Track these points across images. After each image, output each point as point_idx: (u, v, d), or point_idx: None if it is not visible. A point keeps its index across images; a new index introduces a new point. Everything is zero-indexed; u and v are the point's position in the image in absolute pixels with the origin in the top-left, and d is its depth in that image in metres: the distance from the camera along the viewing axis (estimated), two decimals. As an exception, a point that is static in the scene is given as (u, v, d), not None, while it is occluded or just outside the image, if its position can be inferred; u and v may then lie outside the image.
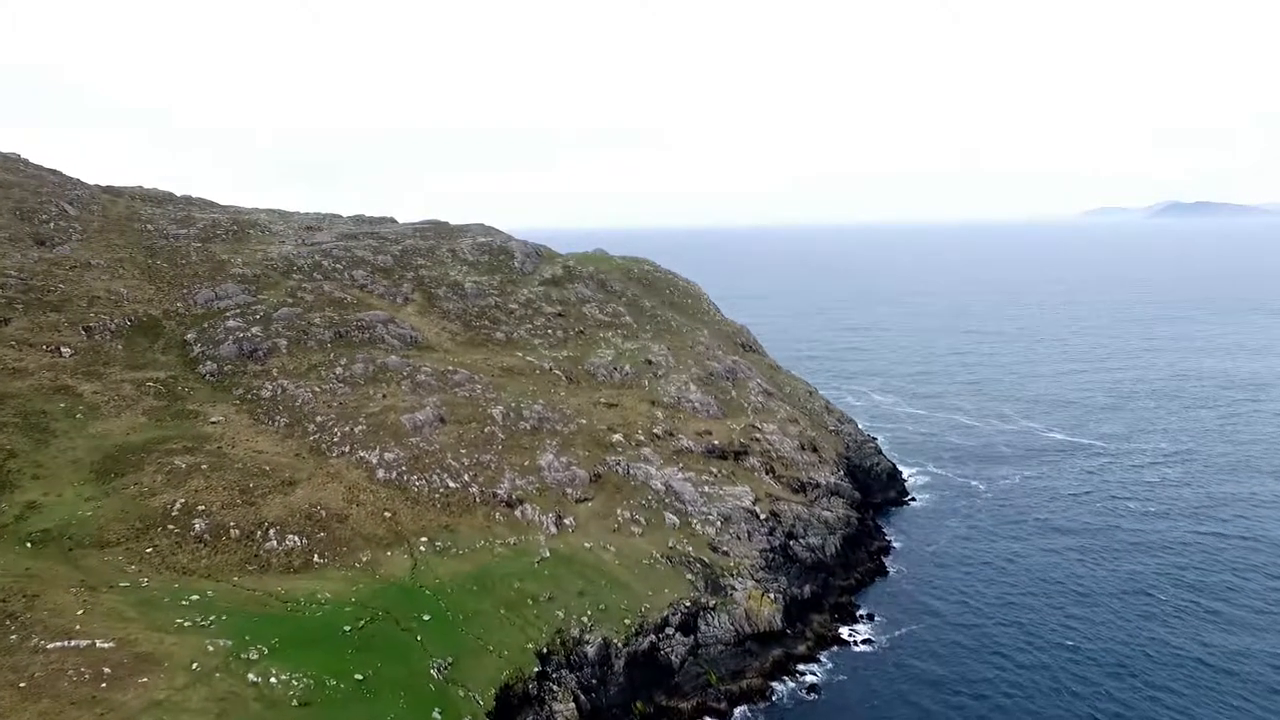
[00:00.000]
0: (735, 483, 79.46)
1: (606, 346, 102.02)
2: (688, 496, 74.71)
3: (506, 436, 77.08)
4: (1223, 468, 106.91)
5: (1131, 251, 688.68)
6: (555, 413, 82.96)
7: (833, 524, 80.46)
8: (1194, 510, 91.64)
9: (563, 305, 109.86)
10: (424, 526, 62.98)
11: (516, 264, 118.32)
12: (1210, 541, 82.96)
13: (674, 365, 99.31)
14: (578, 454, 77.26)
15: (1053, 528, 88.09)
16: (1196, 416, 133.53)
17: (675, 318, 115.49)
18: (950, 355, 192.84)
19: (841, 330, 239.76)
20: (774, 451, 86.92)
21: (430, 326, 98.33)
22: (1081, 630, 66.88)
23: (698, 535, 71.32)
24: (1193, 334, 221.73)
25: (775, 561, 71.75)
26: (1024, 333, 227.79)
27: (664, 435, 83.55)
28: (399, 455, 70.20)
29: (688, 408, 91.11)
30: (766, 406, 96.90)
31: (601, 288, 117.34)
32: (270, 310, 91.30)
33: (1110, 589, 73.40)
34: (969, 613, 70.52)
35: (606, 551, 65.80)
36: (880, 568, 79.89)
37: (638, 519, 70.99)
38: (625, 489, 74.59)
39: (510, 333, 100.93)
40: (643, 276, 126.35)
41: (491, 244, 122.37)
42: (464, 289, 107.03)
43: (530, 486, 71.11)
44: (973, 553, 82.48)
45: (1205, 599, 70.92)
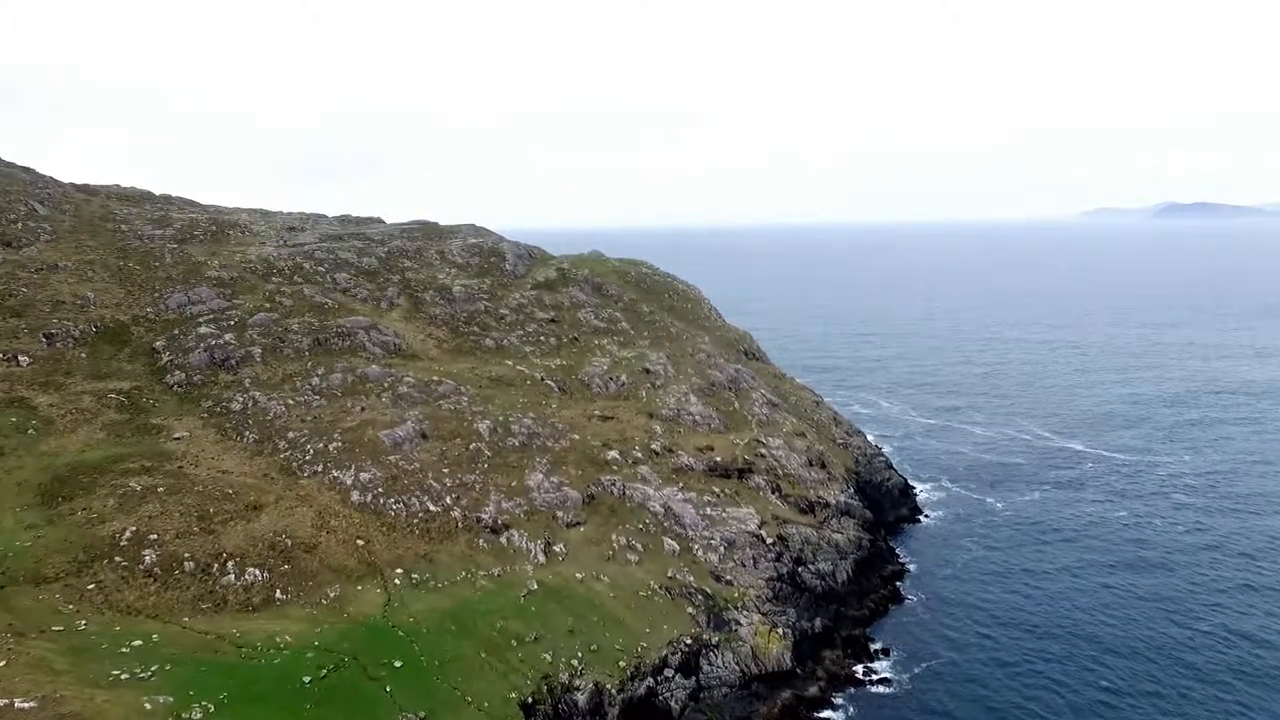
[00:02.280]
0: (739, 504, 74.15)
1: (601, 354, 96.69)
2: (688, 520, 69.38)
3: (493, 454, 71.72)
4: (1251, 482, 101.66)
5: (1135, 254, 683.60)
6: (546, 427, 77.61)
7: (844, 547, 75.16)
8: (1226, 533, 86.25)
9: (556, 310, 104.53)
10: (400, 556, 57.58)
11: (508, 266, 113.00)
12: (1243, 563, 77.67)
13: (673, 375, 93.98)
14: (569, 473, 71.91)
15: (1076, 550, 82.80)
16: (1216, 425, 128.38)
17: (674, 323, 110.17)
18: (962, 362, 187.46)
19: (851, 336, 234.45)
20: (780, 468, 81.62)
21: (415, 333, 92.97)
22: (1115, 669, 61.58)
23: (699, 563, 66.00)
24: (1204, 339, 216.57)
25: (783, 591, 66.42)
26: (1034, 338, 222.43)
27: (662, 451, 78.24)
28: (376, 475, 64.84)
29: (688, 421, 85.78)
30: (771, 419, 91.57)
31: (597, 291, 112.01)
32: (245, 316, 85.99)
33: (1143, 622, 68.08)
34: (992, 647, 65.21)
35: (600, 583, 60.45)
36: (895, 594, 74.57)
37: (634, 545, 65.64)
38: (621, 512, 69.24)
39: (500, 339, 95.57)
40: (640, 279, 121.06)
41: (482, 245, 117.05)
42: (452, 293, 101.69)
43: (517, 510, 65.75)
44: (992, 578, 77.19)
45: (1247, 624, 65.69)
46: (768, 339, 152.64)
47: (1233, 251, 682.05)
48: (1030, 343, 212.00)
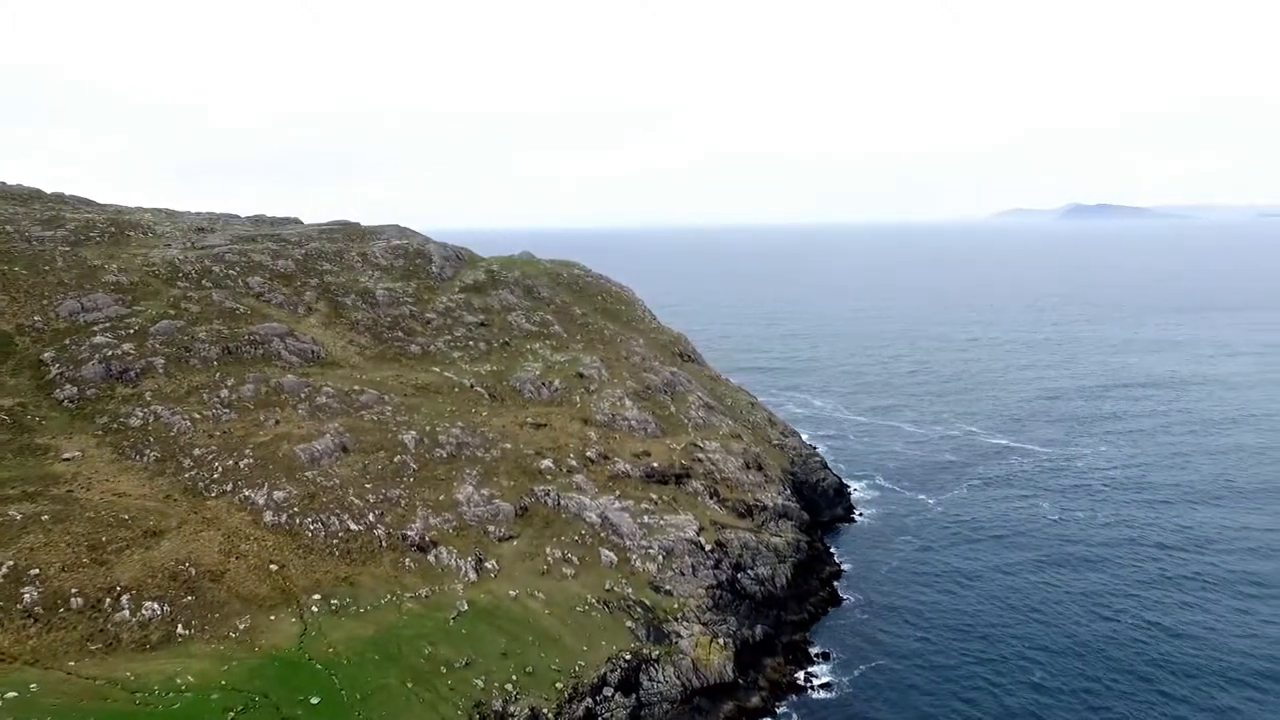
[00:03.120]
0: (677, 510, 72.49)
1: (534, 359, 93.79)
2: (625, 529, 67.30)
3: (419, 466, 68.17)
4: (1163, 473, 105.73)
5: (1045, 253, 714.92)
6: (476, 436, 74.40)
7: (782, 551, 74.34)
8: (1143, 525, 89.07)
9: (485, 314, 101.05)
10: (318, 581, 53.71)
11: (434, 269, 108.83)
12: (1159, 554, 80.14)
13: (608, 378, 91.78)
14: (501, 484, 68.94)
15: (1004, 545, 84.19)
16: (1128, 417, 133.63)
17: (608, 326, 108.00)
18: (890, 360, 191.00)
19: (783, 335, 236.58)
20: (718, 472, 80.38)
21: (335, 340, 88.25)
22: (1046, 666, 62.31)
23: (638, 573, 63.99)
24: (1111, 334, 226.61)
25: (723, 599, 65.00)
26: (958, 336, 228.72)
27: (598, 459, 75.99)
28: (291, 493, 60.58)
29: (624, 426, 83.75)
30: (708, 422, 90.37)
31: (528, 294, 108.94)
32: (147, 324, 79.82)
33: (1070, 618, 69.23)
34: (927, 649, 65.29)
35: (534, 600, 57.79)
36: (833, 596, 74.20)
37: (570, 558, 63.18)
38: (556, 523, 66.67)
39: (426, 345, 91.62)
40: (572, 281, 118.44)
41: (407, 247, 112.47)
42: (375, 297, 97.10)
43: (446, 525, 62.46)
44: (926, 578, 77.66)
45: (1164, 617, 67.36)
46: (701, 340, 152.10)
47: (1134, 251, 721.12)
48: (954, 340, 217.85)
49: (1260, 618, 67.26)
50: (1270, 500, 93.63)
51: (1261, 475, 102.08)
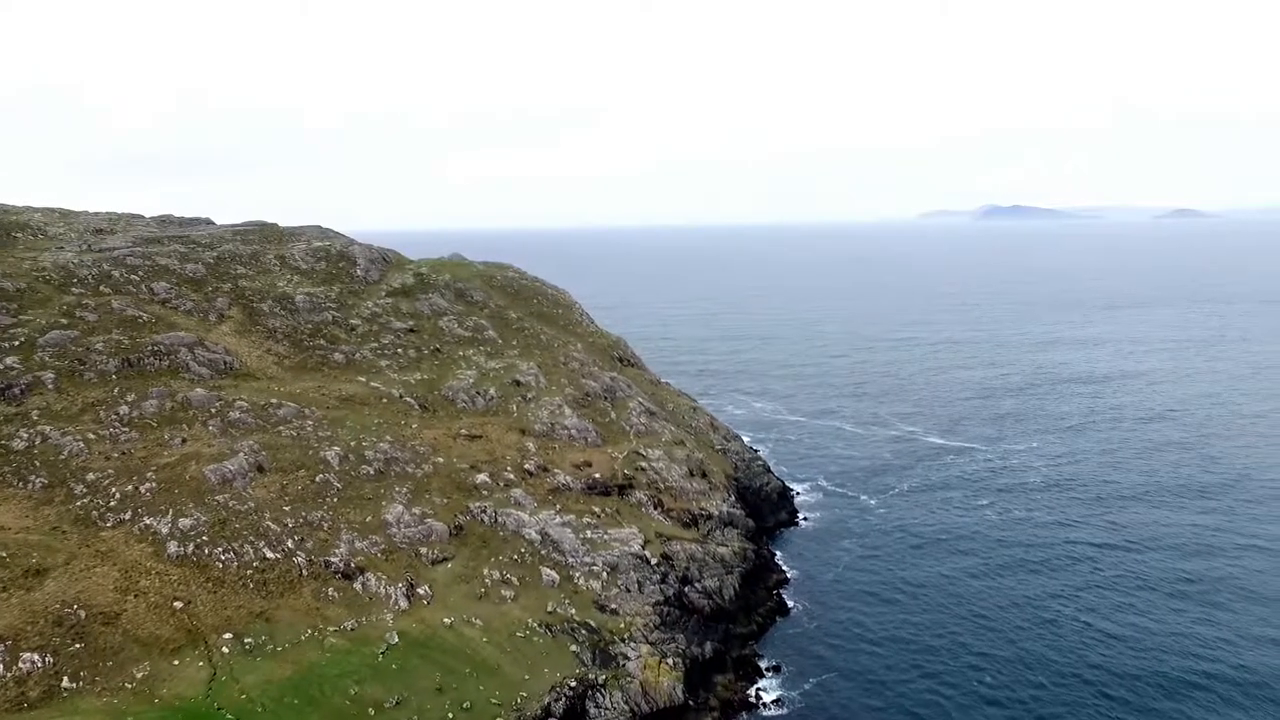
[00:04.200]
0: (621, 523, 69.58)
1: (467, 366, 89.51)
2: (568, 545, 64.03)
3: (344, 485, 63.43)
4: (1093, 468, 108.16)
5: (969, 253, 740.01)
6: (406, 451, 69.95)
7: (729, 561, 72.25)
8: (1077, 523, 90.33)
9: (415, 319, 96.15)
10: (229, 618, 48.78)
11: (360, 272, 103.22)
12: (1095, 553, 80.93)
13: (546, 386, 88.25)
14: (434, 502, 64.77)
15: (946, 548, 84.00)
16: (1056, 413, 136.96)
17: (545, 330, 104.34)
18: (828, 359, 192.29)
19: (721, 336, 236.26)
20: (661, 481, 77.84)
21: (251, 349, 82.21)
22: (994, 673, 61.67)
23: (581, 592, 60.80)
24: (1033, 331, 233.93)
25: (671, 616, 62.38)
26: (891, 335, 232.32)
27: (537, 471, 72.46)
28: (199, 520, 55.24)
29: (563, 435, 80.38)
30: (650, 428, 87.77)
31: (460, 298, 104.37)
32: (35, 334, 72.57)
33: (1014, 622, 69.01)
34: (876, 659, 64.07)
35: (471, 627, 54.02)
36: (781, 606, 72.51)
37: (509, 579, 59.56)
38: (493, 542, 62.93)
39: (351, 353, 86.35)
40: (507, 284, 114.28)
41: (329, 249, 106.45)
42: (294, 302, 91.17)
43: (374, 549, 58.04)
44: (872, 582, 76.77)
45: (1102, 620, 67.46)
46: (640, 343, 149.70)
47: (1047, 251, 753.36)
48: (888, 339, 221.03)
49: (1192, 617, 67.84)
50: (1194, 497, 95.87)
51: (1185, 472, 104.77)
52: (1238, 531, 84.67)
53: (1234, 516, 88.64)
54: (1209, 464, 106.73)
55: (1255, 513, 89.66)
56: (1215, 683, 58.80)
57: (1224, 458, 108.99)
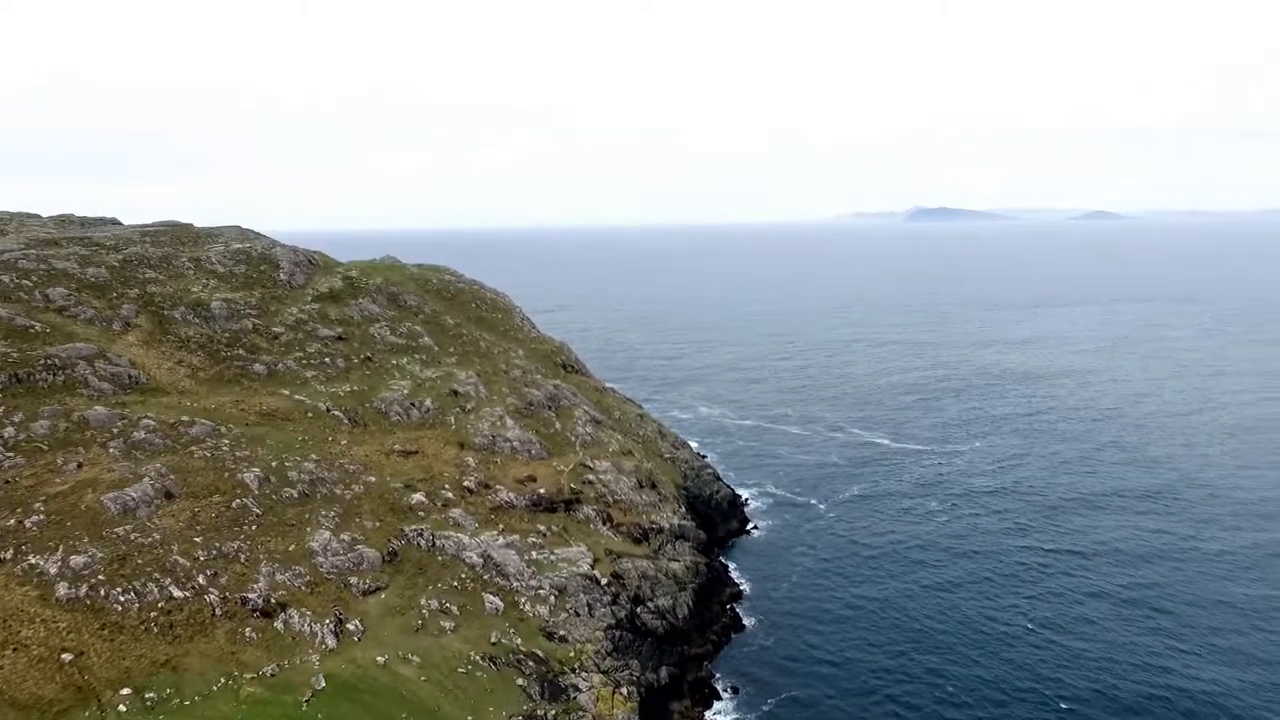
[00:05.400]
0: (569, 541, 65.75)
1: (401, 376, 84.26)
2: (512, 568, 59.89)
3: (264, 510, 57.92)
4: (1036, 468, 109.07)
5: (901, 254, 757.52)
6: (334, 470, 64.66)
7: (682, 577, 69.19)
8: (1022, 522, 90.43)
9: (344, 326, 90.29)
10: (128, 670, 43.17)
11: (283, 276, 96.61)
12: (1045, 559, 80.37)
13: (486, 396, 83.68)
14: (365, 526, 59.78)
15: (898, 553, 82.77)
16: (997, 413, 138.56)
17: (484, 336, 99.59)
18: (772, 361, 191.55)
19: (665, 339, 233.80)
20: (610, 495, 74.28)
21: (160, 361, 75.42)
22: (952, 679, 60.41)
23: (528, 619, 56.78)
24: (969, 331, 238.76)
25: (623, 640, 58.90)
26: (831, 337, 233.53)
27: (478, 488, 68.03)
28: (95, 556, 49.21)
29: (505, 448, 76.06)
30: (596, 438, 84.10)
31: (393, 303, 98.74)
32: (-95, 348, 64.73)
33: (968, 625, 68.01)
34: (835, 672, 62.01)
35: (408, 664, 49.46)
36: (735, 621, 69.86)
37: (448, 608, 55.13)
38: (431, 568, 58.34)
39: (274, 364, 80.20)
40: (443, 288, 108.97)
41: (250, 251, 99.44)
42: (210, 309, 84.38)
43: (297, 581, 52.86)
44: (826, 593, 74.80)
45: (1059, 635, 66.20)
46: (583, 348, 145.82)
47: (975, 251, 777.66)
48: (829, 341, 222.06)
49: (1143, 627, 67.01)
50: (1137, 499, 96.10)
51: (1126, 474, 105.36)
52: (1179, 534, 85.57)
53: (1176, 519, 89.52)
54: (1150, 467, 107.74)
55: (1195, 514, 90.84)
56: (1171, 694, 58.26)
57: (1163, 460, 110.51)
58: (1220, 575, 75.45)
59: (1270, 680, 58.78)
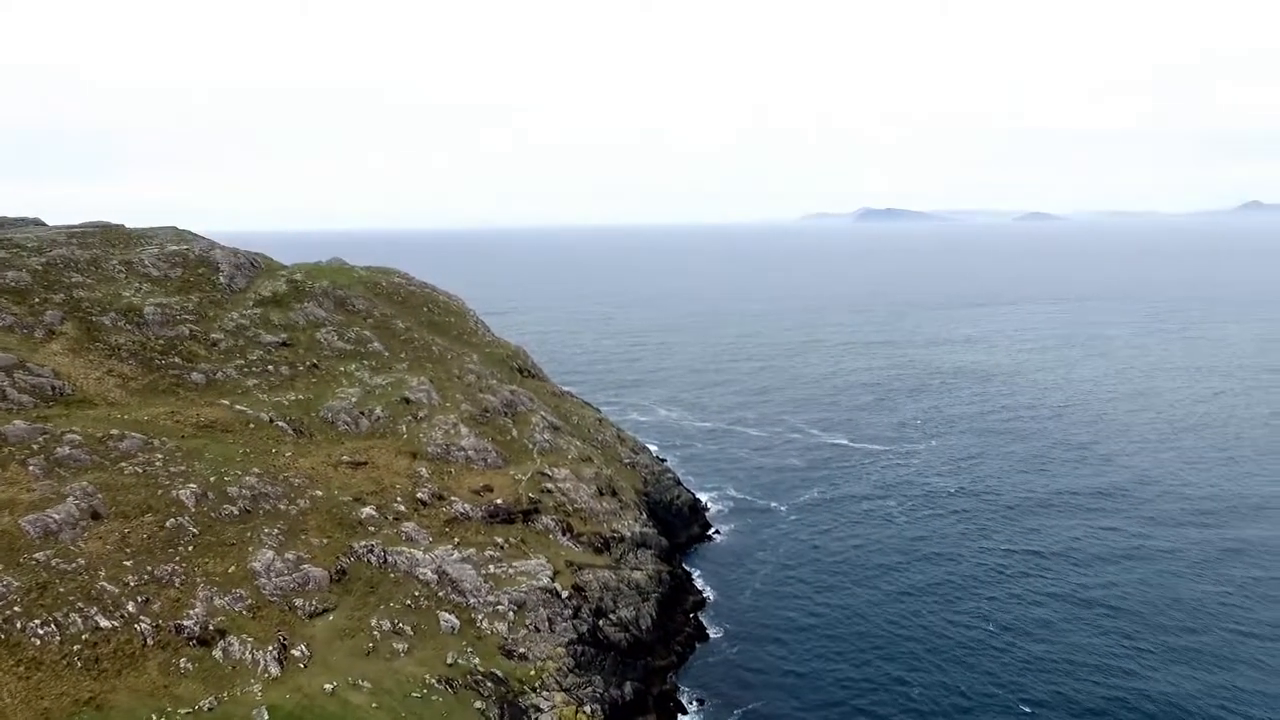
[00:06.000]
0: (528, 553, 63.48)
1: (349, 383, 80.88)
2: (468, 584, 57.43)
3: (202, 530, 54.44)
4: (991, 465, 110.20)
5: (852, 255, 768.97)
6: (278, 484, 61.29)
7: (644, 587, 67.49)
8: (980, 521, 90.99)
9: (288, 331, 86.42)
10: (46, 710, 39.68)
11: (223, 279, 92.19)
12: (1003, 561, 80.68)
13: (439, 403, 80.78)
14: (311, 544, 56.67)
15: (859, 556, 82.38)
16: (950, 411, 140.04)
17: (437, 341, 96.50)
18: (730, 363, 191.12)
19: (621, 342, 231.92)
20: (570, 504, 72.19)
21: (88, 371, 70.90)
22: (918, 685, 59.90)
23: (486, 637, 54.43)
24: (920, 330, 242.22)
25: (586, 655, 56.89)
26: (788, 337, 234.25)
27: (431, 500, 65.32)
28: (11, 586, 45.38)
29: (460, 457, 73.39)
30: (555, 445, 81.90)
31: (340, 306, 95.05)
32: None
33: (931, 629, 67.56)
34: (800, 682, 60.97)
35: (358, 691, 46.73)
36: (700, 631, 68.42)
37: (401, 629, 52.46)
38: (382, 586, 55.54)
39: (212, 372, 76.19)
40: (393, 291, 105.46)
41: (186, 253, 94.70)
42: (143, 315, 79.88)
43: (238, 606, 49.65)
44: (789, 599, 73.84)
45: (1021, 640, 66.02)
46: (539, 352, 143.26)
47: (923, 251, 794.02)
48: (785, 341, 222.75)
49: (1102, 627, 67.30)
50: (1091, 497, 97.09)
51: (1079, 473, 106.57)
52: (1131, 532, 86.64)
53: (1127, 518, 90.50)
54: (1100, 465, 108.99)
55: (1144, 512, 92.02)
56: (1130, 695, 58.47)
57: (1112, 457, 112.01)
58: (1171, 573, 76.55)
59: (1224, 681, 59.38)
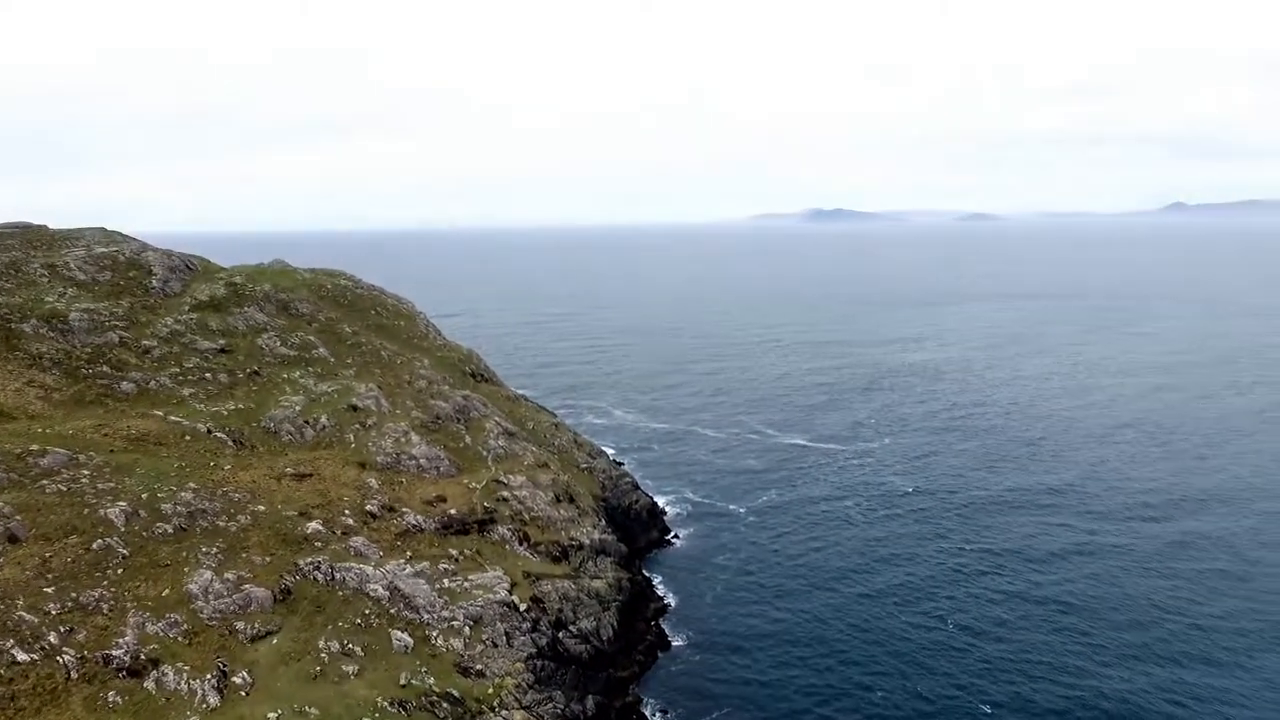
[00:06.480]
0: (483, 566, 61.36)
1: (293, 391, 77.52)
2: (422, 599, 55.12)
3: (132, 551, 51.09)
4: (944, 463, 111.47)
5: (804, 255, 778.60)
6: (216, 499, 58.05)
7: (605, 595, 65.92)
8: (935, 518, 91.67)
9: (227, 337, 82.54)
10: (-43, 756, 36.41)
11: (156, 283, 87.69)
12: (961, 556, 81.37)
13: (388, 410, 77.96)
14: (253, 562, 53.69)
15: (820, 559, 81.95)
16: (903, 409, 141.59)
17: (386, 346, 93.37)
18: (687, 363, 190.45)
19: (575, 344, 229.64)
20: (526, 512, 70.21)
21: (5, 382, 66.45)
22: (882, 690, 59.56)
23: (441, 655, 52.22)
24: (871, 329, 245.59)
25: (545, 670, 55.10)
26: (742, 337, 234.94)
27: (381, 512, 62.71)
28: (-83, 619, 41.68)
29: (411, 467, 70.80)
30: (510, 451, 79.76)
31: (283, 311, 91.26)
32: None
33: (894, 633, 67.28)
34: (763, 692, 59.46)
35: (305, 718, 44.16)
36: (662, 639, 67.10)
37: (351, 649, 49.94)
38: (330, 605, 52.89)
39: (145, 382, 72.17)
40: (339, 294, 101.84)
41: (116, 255, 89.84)
42: (68, 321, 75.35)
43: (173, 632, 46.59)
44: (750, 605, 72.94)
45: (979, 639, 66.13)
46: (490, 354, 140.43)
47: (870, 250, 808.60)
48: (741, 341, 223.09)
49: (1057, 625, 68.05)
50: (1044, 495, 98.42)
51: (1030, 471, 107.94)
52: (1083, 528, 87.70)
53: (1077, 514, 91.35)
54: (1050, 462, 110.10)
55: (1093, 508, 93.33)
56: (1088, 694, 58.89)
57: (1062, 454, 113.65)
58: (1122, 568, 77.72)
59: (1174, 675, 60.27)
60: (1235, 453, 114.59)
